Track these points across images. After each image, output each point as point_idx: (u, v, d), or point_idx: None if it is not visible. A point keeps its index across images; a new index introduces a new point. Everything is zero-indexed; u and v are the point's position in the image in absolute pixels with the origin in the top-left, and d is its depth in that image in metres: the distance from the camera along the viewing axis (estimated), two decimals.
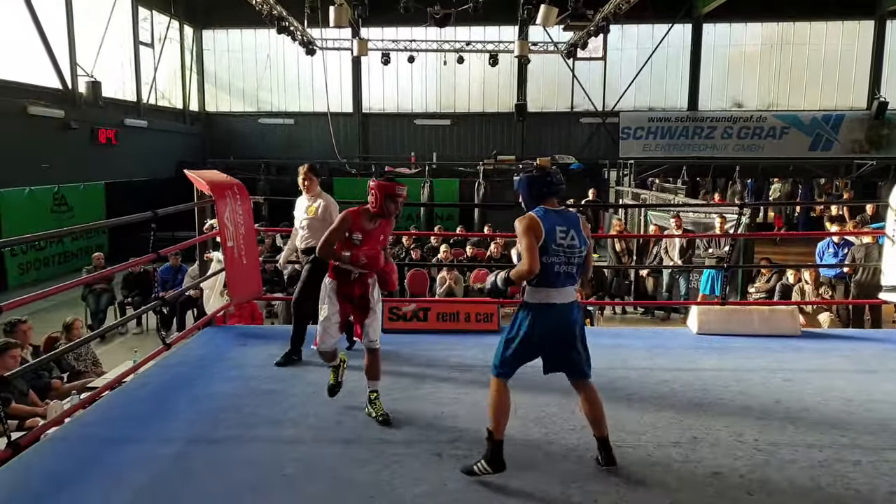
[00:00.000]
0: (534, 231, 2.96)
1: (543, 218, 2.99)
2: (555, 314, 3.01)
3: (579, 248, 3.01)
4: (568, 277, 3.02)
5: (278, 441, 3.50)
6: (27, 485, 3.09)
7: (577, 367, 3.12)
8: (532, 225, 2.97)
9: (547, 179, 3.08)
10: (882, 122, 21.17)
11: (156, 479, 3.11)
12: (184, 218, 5.99)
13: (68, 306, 9.44)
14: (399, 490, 3.01)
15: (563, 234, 2.98)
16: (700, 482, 3.06)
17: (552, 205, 3.07)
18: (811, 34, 21.64)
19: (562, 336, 3.05)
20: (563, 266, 2.98)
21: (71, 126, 14.78)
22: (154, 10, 19.36)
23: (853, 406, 3.93)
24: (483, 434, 3.42)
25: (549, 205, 3.06)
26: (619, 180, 18.75)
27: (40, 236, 4.29)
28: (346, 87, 22.38)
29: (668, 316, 10.04)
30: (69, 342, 6.04)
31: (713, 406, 3.95)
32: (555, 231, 2.97)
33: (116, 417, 3.81)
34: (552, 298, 3.00)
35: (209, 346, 5.15)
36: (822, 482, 3.04)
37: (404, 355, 4.91)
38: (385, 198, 3.80)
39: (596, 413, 3.11)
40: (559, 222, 2.99)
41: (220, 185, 5.45)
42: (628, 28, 21.09)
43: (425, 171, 19.01)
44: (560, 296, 3.01)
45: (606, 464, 3.11)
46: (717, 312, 5.65)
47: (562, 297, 3.02)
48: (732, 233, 8.46)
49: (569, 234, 2.99)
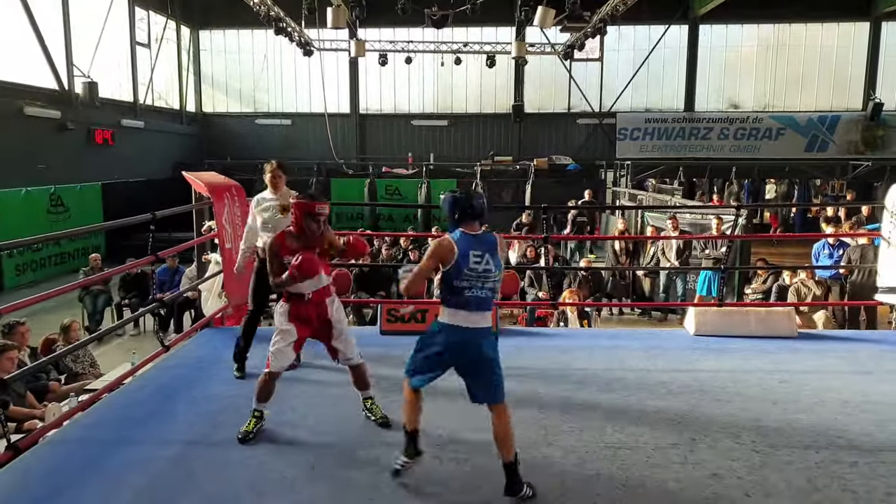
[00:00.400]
0: (440, 256, 2.99)
1: (458, 242, 2.99)
2: (463, 337, 3.01)
3: (494, 273, 3.01)
4: (481, 302, 3.01)
5: (277, 443, 3.50)
6: (27, 487, 3.09)
7: (486, 390, 3.06)
8: (440, 250, 3.00)
9: (469, 203, 3.06)
10: (877, 124, 21.26)
11: (155, 481, 3.11)
12: (180, 219, 6.00)
13: (65, 307, 9.42)
14: (399, 493, 3.02)
15: (478, 259, 2.98)
16: (699, 483, 3.08)
17: (472, 229, 3.05)
18: (807, 35, 21.71)
19: (469, 360, 3.05)
20: (475, 290, 2.99)
21: (67, 127, 14.76)
22: (151, 11, 19.32)
23: (850, 407, 3.95)
24: (482, 436, 3.44)
25: (469, 228, 3.05)
26: (616, 181, 18.78)
27: (38, 239, 4.28)
28: (344, 87, 22.37)
29: (665, 317, 10.06)
30: (67, 344, 6.03)
31: (711, 407, 3.97)
32: (468, 257, 2.97)
33: (115, 419, 3.81)
34: (461, 322, 3.00)
35: (207, 348, 5.15)
36: (820, 483, 3.06)
37: (402, 357, 4.90)
38: (304, 217, 3.60)
39: (499, 436, 3.01)
40: (475, 247, 2.99)
41: (219, 187, 5.45)
42: (625, 29, 21.12)
43: (422, 172, 19.02)
44: (470, 320, 3.00)
45: (507, 493, 2.96)
46: (714, 314, 5.67)
47: (472, 321, 3.00)
48: (729, 234, 8.49)
49: (483, 258, 2.98)
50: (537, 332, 6.41)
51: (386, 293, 9.75)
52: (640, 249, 10.94)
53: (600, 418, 3.81)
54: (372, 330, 5.65)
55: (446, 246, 2.98)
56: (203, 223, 5.80)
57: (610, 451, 3.40)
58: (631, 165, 18.00)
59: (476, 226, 3.07)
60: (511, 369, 4.64)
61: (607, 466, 3.24)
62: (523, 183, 18.77)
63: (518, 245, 11.14)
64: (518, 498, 2.94)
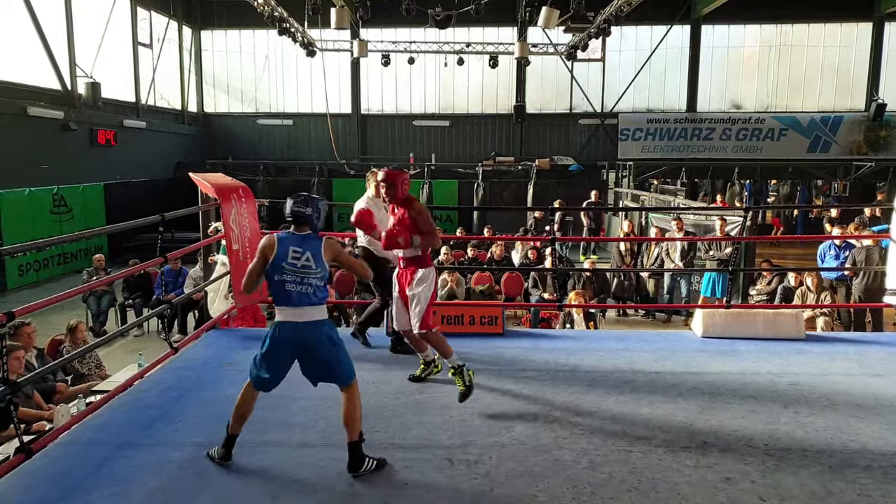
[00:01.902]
0: (264, 250, 3.22)
1: (282, 240, 3.21)
2: (291, 331, 3.18)
3: (315, 269, 3.17)
4: (303, 297, 3.16)
5: (288, 445, 3.49)
6: (37, 489, 3.07)
7: (330, 376, 3.26)
8: (265, 244, 3.24)
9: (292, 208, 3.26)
10: (880, 124, 21.25)
11: (166, 483, 3.10)
12: (184, 220, 5.98)
13: (69, 308, 9.42)
14: (411, 496, 3.01)
15: (297, 255, 3.17)
16: (712, 487, 3.06)
17: (301, 230, 3.26)
18: (809, 36, 21.70)
19: (303, 351, 3.21)
20: (296, 286, 3.16)
21: (70, 127, 14.75)
22: (153, 11, 19.32)
23: (862, 411, 3.94)
24: (493, 438, 3.44)
25: (299, 229, 3.26)
26: (618, 182, 18.78)
27: (44, 243, 4.27)
28: (345, 88, 22.36)
29: (669, 318, 10.05)
30: (73, 344, 6.02)
31: (722, 410, 3.95)
32: (287, 252, 3.17)
33: (125, 421, 3.80)
34: (287, 317, 3.18)
35: (214, 349, 5.14)
36: (835, 488, 3.05)
37: (409, 358, 4.90)
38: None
39: (347, 417, 3.21)
40: (296, 244, 3.19)
41: (226, 189, 5.44)
42: (627, 29, 21.12)
43: (424, 173, 19.00)
44: (295, 314, 3.17)
45: (349, 470, 3.16)
46: (721, 315, 5.66)
47: (297, 315, 3.17)
48: (734, 235, 8.47)
49: (303, 255, 3.17)
50: (544, 333, 6.41)
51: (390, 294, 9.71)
52: (644, 250, 10.92)
53: (611, 421, 3.80)
54: (378, 331, 5.63)
55: (270, 240, 3.23)
56: (209, 224, 5.79)
57: (621, 454, 3.38)
58: (633, 166, 18.00)
59: (305, 227, 3.26)
60: (519, 371, 4.64)
61: (619, 469, 3.23)
62: (525, 183, 18.77)
63: (521, 246, 11.13)
64: (362, 472, 3.14)
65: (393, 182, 4.21)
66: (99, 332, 9.11)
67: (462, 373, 4.02)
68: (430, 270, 4.25)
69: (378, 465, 3.21)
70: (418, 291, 4.18)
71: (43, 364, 5.50)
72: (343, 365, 3.25)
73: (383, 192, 4.27)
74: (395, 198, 4.25)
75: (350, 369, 3.27)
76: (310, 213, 3.24)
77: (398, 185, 4.21)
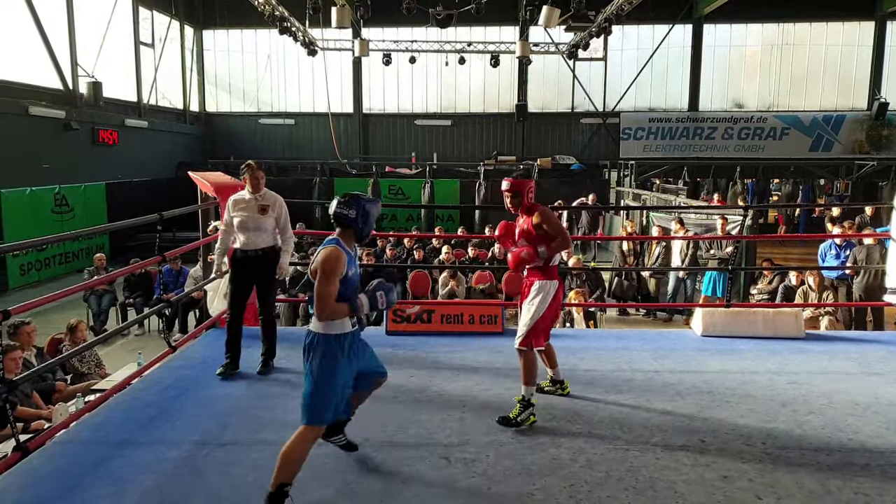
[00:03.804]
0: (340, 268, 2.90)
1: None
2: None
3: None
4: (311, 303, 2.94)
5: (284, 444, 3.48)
6: (35, 488, 3.08)
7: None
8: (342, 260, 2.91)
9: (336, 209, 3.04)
10: (882, 123, 21.20)
11: (163, 481, 3.10)
12: (184, 219, 6.00)
13: (70, 307, 9.44)
14: (408, 494, 3.01)
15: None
16: (709, 486, 3.06)
17: (344, 233, 3.01)
18: (811, 35, 21.65)
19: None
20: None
21: (72, 126, 14.77)
22: (154, 11, 19.34)
23: (860, 409, 3.93)
24: (491, 437, 3.43)
25: (342, 234, 3.00)
26: (620, 181, 18.75)
27: (45, 240, 4.27)
28: (347, 87, 22.37)
29: (670, 317, 10.03)
30: (73, 344, 6.03)
31: (720, 409, 3.95)
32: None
33: (123, 420, 3.81)
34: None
35: (213, 348, 5.13)
36: (832, 486, 3.04)
37: (409, 358, 4.91)
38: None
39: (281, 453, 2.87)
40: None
41: (225, 187, 5.45)
42: (629, 29, 21.09)
43: (426, 172, 19.00)
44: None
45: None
46: (721, 314, 5.65)
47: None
48: (736, 234, 8.45)
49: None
50: None
51: None
52: (646, 250, 10.90)
53: (608, 419, 3.80)
54: (377, 331, 5.63)
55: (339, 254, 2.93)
56: (209, 223, 5.79)
57: (619, 453, 3.38)
58: (635, 165, 17.97)
59: (349, 231, 3.01)
60: (518, 370, 4.63)
61: (616, 468, 3.22)
62: None
63: None
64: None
65: (519, 191, 3.92)
66: (99, 331, 9.11)
67: (526, 408, 3.70)
68: (549, 283, 3.85)
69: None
70: (530, 304, 3.85)
71: (42, 363, 5.50)
72: (304, 398, 2.90)
73: (507, 203, 3.98)
74: (522, 207, 3.96)
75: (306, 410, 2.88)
76: (353, 217, 2.95)
77: (524, 194, 3.93)
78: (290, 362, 4.74)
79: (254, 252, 4.51)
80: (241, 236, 4.52)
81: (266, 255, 4.56)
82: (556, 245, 3.82)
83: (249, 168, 4.61)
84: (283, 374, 4.55)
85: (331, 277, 2.83)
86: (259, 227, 4.53)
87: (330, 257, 2.84)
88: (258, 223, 4.52)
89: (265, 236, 4.55)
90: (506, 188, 3.95)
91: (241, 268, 4.55)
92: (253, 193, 4.57)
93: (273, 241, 4.61)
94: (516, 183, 3.95)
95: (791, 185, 20.30)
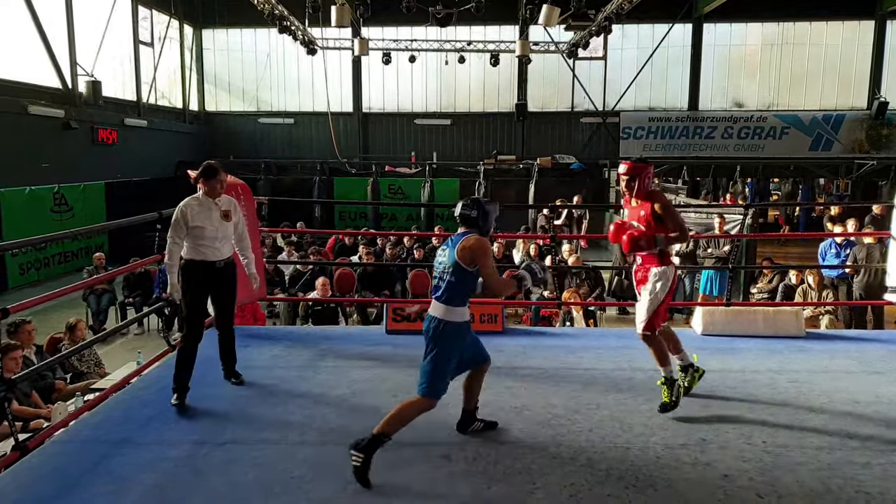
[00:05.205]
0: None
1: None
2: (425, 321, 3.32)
3: (447, 266, 3.23)
4: (434, 290, 3.31)
5: (285, 443, 3.48)
6: (34, 487, 3.07)
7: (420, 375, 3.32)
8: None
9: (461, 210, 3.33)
10: (882, 122, 21.16)
11: (163, 481, 3.10)
12: None
13: (69, 306, 9.42)
14: (409, 493, 3.00)
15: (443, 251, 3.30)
16: (710, 484, 3.05)
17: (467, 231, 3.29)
18: (811, 34, 21.63)
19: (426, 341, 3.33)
20: (434, 279, 3.33)
21: (71, 125, 14.74)
22: (154, 10, 19.30)
23: (860, 408, 3.92)
24: (492, 435, 3.42)
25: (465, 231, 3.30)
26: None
27: (43, 238, 4.26)
28: (347, 86, 22.33)
29: (670, 316, 10.02)
30: (72, 343, 6.02)
31: (720, 407, 3.94)
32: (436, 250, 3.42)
33: (122, 419, 3.80)
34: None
35: (212, 348, 5.12)
36: (833, 485, 3.03)
37: (409, 356, 4.89)
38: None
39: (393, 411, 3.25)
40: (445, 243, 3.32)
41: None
42: (629, 28, 21.06)
43: (426, 171, 18.99)
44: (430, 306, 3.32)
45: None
46: (721, 313, 5.65)
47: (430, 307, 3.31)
48: (735, 233, 8.45)
49: (445, 252, 3.28)
50: (544, 331, 6.39)
51: (390, 292, 9.73)
52: None
53: (609, 418, 3.79)
54: (378, 329, 5.63)
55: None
56: None
57: (619, 452, 3.37)
58: None
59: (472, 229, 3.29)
60: (518, 369, 4.63)
61: (617, 466, 3.22)
62: (527, 182, 18.73)
63: (523, 244, 11.10)
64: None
65: (636, 174, 3.76)
66: (98, 330, 9.11)
67: (671, 387, 3.79)
68: (669, 269, 3.81)
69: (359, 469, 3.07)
70: (652, 290, 3.80)
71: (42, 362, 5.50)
72: (424, 374, 3.26)
73: (622, 186, 3.85)
74: (639, 193, 3.81)
75: (426, 384, 3.24)
76: (475, 216, 3.27)
77: (641, 178, 3.77)
78: (291, 362, 4.74)
79: (221, 263, 4.16)
80: (203, 247, 4.09)
81: (230, 266, 4.25)
82: (674, 238, 3.79)
83: (212, 170, 4.21)
84: (283, 374, 4.55)
85: (491, 257, 3.23)
86: (226, 236, 4.22)
87: (482, 242, 3.21)
88: (225, 231, 4.21)
89: (229, 245, 4.28)
90: (623, 171, 3.82)
91: (203, 282, 4.12)
92: (212, 199, 4.21)
93: (233, 248, 4.35)
94: (634, 166, 3.79)
95: (791, 185, 20.29)
